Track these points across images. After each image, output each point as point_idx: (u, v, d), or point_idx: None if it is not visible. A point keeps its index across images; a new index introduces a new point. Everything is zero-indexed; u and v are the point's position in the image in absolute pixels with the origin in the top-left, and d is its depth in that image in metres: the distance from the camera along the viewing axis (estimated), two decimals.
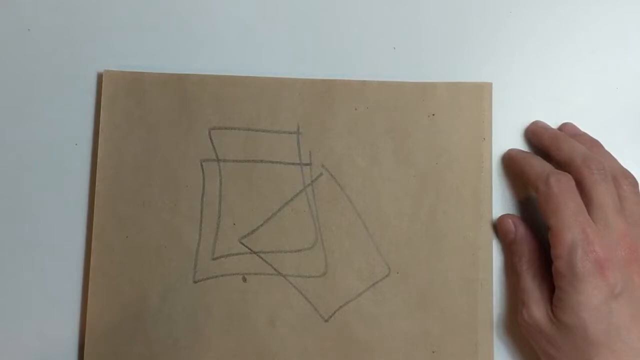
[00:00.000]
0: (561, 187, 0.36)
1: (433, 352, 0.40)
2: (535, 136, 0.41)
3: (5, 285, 0.42)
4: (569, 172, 0.38)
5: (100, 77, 0.43)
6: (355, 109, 0.42)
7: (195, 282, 0.41)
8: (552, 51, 0.43)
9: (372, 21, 0.44)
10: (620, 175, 0.38)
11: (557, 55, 0.43)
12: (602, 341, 0.34)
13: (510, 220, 0.40)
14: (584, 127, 0.42)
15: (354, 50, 0.43)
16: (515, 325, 0.41)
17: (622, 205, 0.37)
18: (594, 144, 0.40)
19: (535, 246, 0.39)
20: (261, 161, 0.42)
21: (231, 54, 0.43)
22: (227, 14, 0.44)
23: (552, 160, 0.40)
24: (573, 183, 0.37)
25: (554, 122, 0.43)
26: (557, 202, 0.36)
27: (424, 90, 0.42)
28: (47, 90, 0.43)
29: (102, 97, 0.42)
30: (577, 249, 0.35)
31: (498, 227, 0.41)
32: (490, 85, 0.42)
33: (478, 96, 0.42)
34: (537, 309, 0.37)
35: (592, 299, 0.34)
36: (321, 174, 0.42)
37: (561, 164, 0.39)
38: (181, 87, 0.42)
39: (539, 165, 0.39)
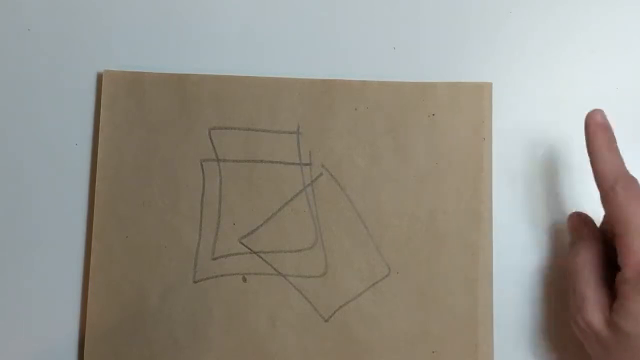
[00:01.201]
0: (629, 194, 0.35)
1: (433, 352, 0.40)
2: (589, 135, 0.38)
3: (5, 285, 0.42)
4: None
5: (100, 77, 0.43)
6: (355, 109, 0.42)
7: (195, 282, 0.41)
8: (552, 51, 0.43)
9: (372, 21, 0.44)
10: None
11: (557, 55, 0.43)
12: None
13: (582, 217, 0.39)
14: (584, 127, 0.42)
15: (354, 51, 0.43)
16: (515, 325, 0.41)
17: None
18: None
19: (599, 249, 0.38)
20: (261, 161, 0.42)
21: (231, 54, 0.43)
22: (227, 14, 0.44)
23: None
24: (639, 188, 0.35)
25: (553, 122, 0.43)
26: (625, 211, 0.35)
27: (424, 90, 0.42)
28: (47, 90, 0.43)
29: (102, 97, 0.42)
30: None
31: (569, 225, 0.40)
32: (490, 85, 0.42)
33: (478, 96, 0.42)
34: (595, 315, 0.35)
35: None
36: (321, 174, 0.42)
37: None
38: (181, 87, 0.42)
39: (610, 164, 0.37)
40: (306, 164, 0.42)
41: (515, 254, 0.42)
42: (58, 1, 0.44)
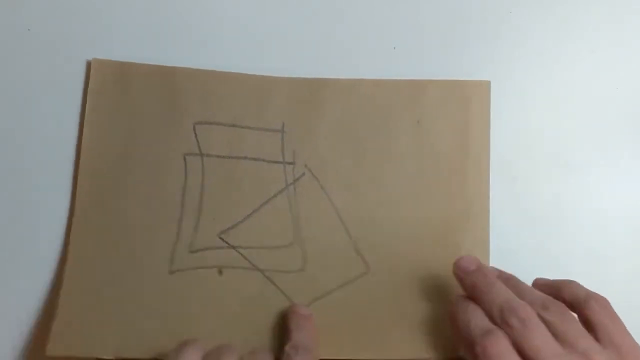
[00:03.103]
0: (486, 352, 0.34)
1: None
2: (459, 282, 0.39)
3: None
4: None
5: (89, 65, 0.43)
6: (343, 108, 0.42)
7: (171, 273, 0.41)
8: (552, 51, 0.43)
9: (372, 21, 0.44)
10: (540, 308, 0.36)
11: (557, 55, 0.43)
12: None
13: None
14: (584, 127, 0.42)
15: (354, 50, 0.44)
16: None
17: (557, 338, 0.35)
18: (510, 280, 0.39)
19: None
20: (245, 158, 0.42)
21: (228, 51, 0.43)
22: (225, 8, 0.44)
23: None
24: (502, 342, 0.34)
25: (553, 122, 0.42)
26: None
27: (421, 88, 0.42)
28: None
29: (90, 84, 0.42)
30: None
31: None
32: (488, 83, 0.42)
33: (475, 94, 0.42)
34: None
35: None
36: (304, 174, 0.42)
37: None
38: (169, 80, 0.42)
39: (465, 327, 0.36)
40: (289, 163, 0.42)
41: (514, 255, 0.42)
42: (59, 4, 0.44)
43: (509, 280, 0.38)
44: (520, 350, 0.34)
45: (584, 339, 0.35)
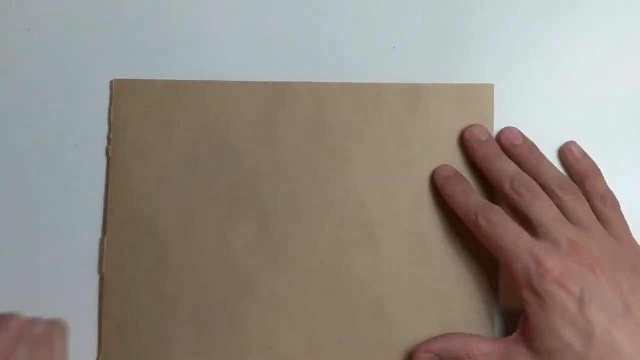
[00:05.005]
0: (491, 223, 0.37)
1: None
2: (469, 151, 0.41)
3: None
4: (502, 195, 0.39)
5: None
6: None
7: None
8: (552, 51, 0.43)
9: (372, 21, 0.44)
10: (557, 187, 0.38)
11: (557, 56, 0.43)
12: (590, 354, 0.33)
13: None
14: (584, 127, 0.42)
15: (354, 51, 0.43)
16: None
17: (566, 216, 0.37)
18: (531, 152, 0.40)
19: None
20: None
21: (232, 58, 0.43)
22: (233, 19, 0.44)
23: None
24: (502, 213, 0.37)
25: (553, 123, 0.43)
26: (493, 238, 0.36)
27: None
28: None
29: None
30: (532, 274, 0.34)
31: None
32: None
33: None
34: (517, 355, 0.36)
35: (566, 315, 0.34)
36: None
37: (493, 187, 0.40)
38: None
39: (464, 204, 0.38)
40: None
41: None
42: (62, 4, 0.44)
43: (532, 152, 0.40)
44: (524, 217, 0.37)
45: (592, 221, 0.37)
